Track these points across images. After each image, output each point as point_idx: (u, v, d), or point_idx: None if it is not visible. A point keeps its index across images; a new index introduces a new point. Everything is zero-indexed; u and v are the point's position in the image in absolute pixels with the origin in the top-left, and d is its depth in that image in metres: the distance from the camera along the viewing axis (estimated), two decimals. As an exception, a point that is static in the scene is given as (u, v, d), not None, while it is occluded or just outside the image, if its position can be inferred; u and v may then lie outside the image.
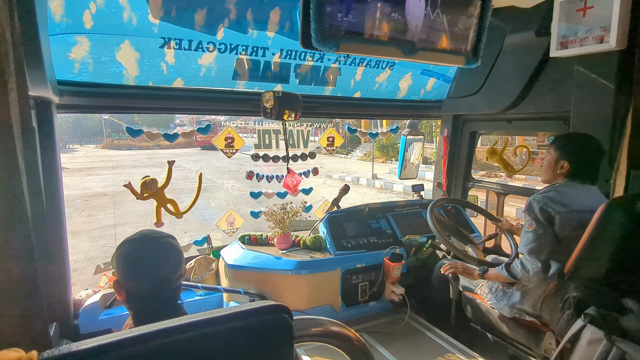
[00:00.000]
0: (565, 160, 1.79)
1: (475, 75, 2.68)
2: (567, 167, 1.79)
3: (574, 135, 1.93)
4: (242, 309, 0.67)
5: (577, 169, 1.79)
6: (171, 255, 1.09)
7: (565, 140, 1.85)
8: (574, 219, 1.69)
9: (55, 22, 1.72)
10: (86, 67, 1.94)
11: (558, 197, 1.74)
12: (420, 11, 1.45)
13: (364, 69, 2.64)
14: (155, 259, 1.06)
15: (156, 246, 1.07)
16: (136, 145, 27.06)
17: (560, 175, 1.83)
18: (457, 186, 3.19)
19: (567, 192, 1.75)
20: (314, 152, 2.78)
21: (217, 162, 18.11)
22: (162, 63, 2.08)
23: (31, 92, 1.37)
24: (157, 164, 17.52)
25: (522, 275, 1.78)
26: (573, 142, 1.83)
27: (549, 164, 1.86)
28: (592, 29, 1.88)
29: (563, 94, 2.18)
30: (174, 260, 1.09)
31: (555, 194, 1.76)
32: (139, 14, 1.84)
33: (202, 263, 2.58)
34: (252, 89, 2.42)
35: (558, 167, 1.82)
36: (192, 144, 26.88)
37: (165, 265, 1.07)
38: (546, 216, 1.72)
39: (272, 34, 2.18)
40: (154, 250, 1.07)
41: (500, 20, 2.35)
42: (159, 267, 1.06)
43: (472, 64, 1.66)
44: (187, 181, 12.06)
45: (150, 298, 1.06)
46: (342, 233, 2.56)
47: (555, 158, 1.83)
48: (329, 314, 2.36)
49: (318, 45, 1.28)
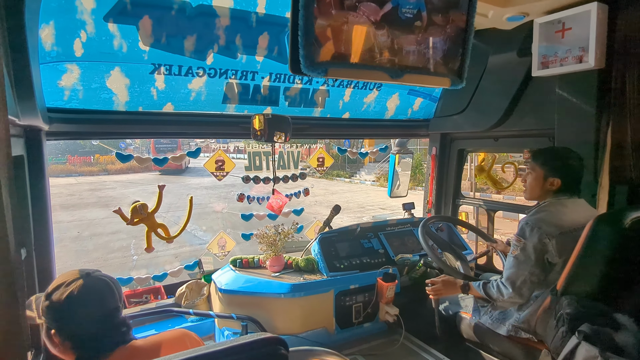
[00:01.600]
0: (555, 177, 1.79)
1: (460, 94, 2.75)
2: (557, 184, 1.79)
3: (556, 150, 1.93)
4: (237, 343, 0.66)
5: (568, 185, 1.79)
6: (105, 290, 1.08)
7: (549, 156, 1.85)
8: (571, 241, 1.66)
9: (46, 51, 1.73)
10: (76, 94, 1.94)
11: (551, 217, 1.73)
12: (406, 35, 1.50)
13: (352, 91, 2.69)
14: (90, 295, 1.05)
15: (86, 284, 1.05)
16: (77, 171, 23.17)
17: (549, 192, 1.83)
18: (446, 204, 3.22)
19: (559, 211, 1.76)
20: (304, 173, 2.79)
21: (182, 189, 15.40)
22: (152, 88, 2.09)
23: (21, 121, 1.36)
24: (102, 201, 13.83)
25: (496, 297, 1.80)
26: (559, 157, 1.83)
27: (536, 182, 1.85)
28: (571, 49, 1.96)
29: (546, 111, 2.24)
30: (110, 294, 1.09)
31: (547, 214, 1.75)
32: (129, 41, 1.87)
33: (194, 288, 2.53)
34: (242, 112, 2.44)
35: (547, 184, 1.81)
36: (148, 168, 23.03)
37: (103, 300, 1.06)
38: (539, 245, 1.70)
39: (261, 58, 2.22)
40: (85, 288, 1.05)
41: (483, 41, 2.44)
42: (97, 303, 1.05)
43: (457, 85, 1.71)
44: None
45: (94, 338, 1.04)
46: (334, 254, 2.55)
47: (543, 175, 1.82)
48: (323, 337, 2.32)
49: (307, 71, 1.30)
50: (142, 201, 2.21)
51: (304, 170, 2.81)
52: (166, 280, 2.65)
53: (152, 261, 6.96)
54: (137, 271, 6.38)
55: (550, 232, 1.70)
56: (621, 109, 1.87)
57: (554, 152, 1.90)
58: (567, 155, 1.83)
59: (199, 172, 22.20)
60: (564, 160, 1.81)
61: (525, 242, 1.73)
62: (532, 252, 1.72)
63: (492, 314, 1.99)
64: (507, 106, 2.44)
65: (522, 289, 1.76)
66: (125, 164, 23.03)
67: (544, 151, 1.90)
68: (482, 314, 2.05)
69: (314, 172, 3.09)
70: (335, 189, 18.57)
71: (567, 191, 1.81)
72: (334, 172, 22.31)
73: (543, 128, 2.32)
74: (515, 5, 1.98)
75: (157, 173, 22.78)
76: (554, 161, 1.82)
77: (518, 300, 1.78)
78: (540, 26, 2.06)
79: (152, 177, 21.55)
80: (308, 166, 3.09)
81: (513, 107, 2.44)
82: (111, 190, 17.09)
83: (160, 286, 2.62)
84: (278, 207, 2.70)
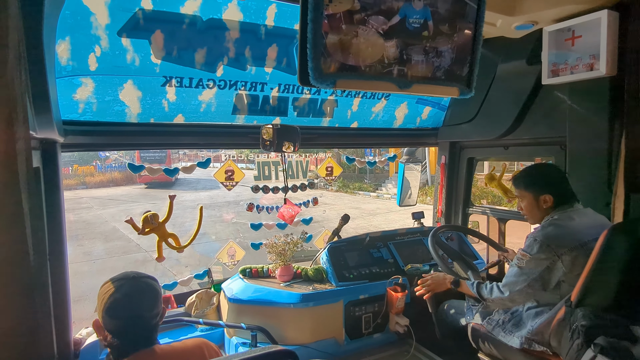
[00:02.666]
0: (546, 194, 1.79)
1: (470, 103, 2.74)
2: (550, 199, 1.78)
3: (531, 169, 1.92)
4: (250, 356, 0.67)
5: (560, 196, 1.79)
6: (147, 295, 1.18)
7: (528, 179, 1.86)
8: (582, 255, 1.63)
9: (62, 65, 1.78)
10: (90, 107, 1.99)
11: (559, 232, 1.71)
12: (414, 45, 1.50)
13: (360, 100, 2.70)
14: (131, 297, 1.15)
15: (133, 285, 1.17)
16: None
17: (547, 209, 1.81)
18: (457, 212, 3.19)
19: (568, 225, 1.73)
20: (313, 182, 2.80)
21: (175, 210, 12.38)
22: (164, 100, 2.13)
23: (38, 134, 1.40)
24: (70, 231, 6.92)
25: (487, 297, 1.86)
26: (539, 174, 1.85)
27: (530, 206, 1.85)
28: (581, 57, 1.95)
29: (558, 119, 2.22)
30: (149, 300, 1.18)
31: (556, 229, 1.72)
32: (142, 55, 1.91)
33: (203, 297, 2.53)
34: (251, 122, 2.46)
35: (542, 204, 1.81)
36: (132, 179, 21.25)
37: (139, 304, 1.16)
38: (545, 263, 1.69)
39: (270, 69, 2.25)
40: (130, 289, 1.16)
41: (492, 50, 2.44)
42: (133, 305, 1.15)
43: (466, 95, 1.70)
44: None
45: (124, 335, 1.15)
46: (343, 263, 2.53)
47: (533, 197, 1.82)
48: (332, 347, 2.30)
49: (316, 83, 1.32)
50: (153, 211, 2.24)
51: (312, 180, 2.81)
52: (176, 289, 2.66)
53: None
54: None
55: (560, 251, 1.68)
56: (635, 116, 1.85)
57: (529, 173, 1.90)
58: (545, 170, 1.86)
59: (192, 185, 20.76)
60: (544, 175, 1.84)
61: (531, 258, 1.72)
62: (536, 268, 1.71)
63: (505, 326, 1.95)
64: (517, 114, 2.42)
65: (516, 297, 1.78)
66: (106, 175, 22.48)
67: (522, 175, 1.89)
68: (494, 325, 2.02)
69: (329, 185, 3.11)
70: (369, 206, 14.84)
71: (564, 202, 1.80)
72: (355, 184, 19.75)
73: (554, 136, 2.29)
74: (524, 14, 1.98)
75: (142, 186, 20.47)
76: (535, 180, 1.83)
77: (508, 304, 1.84)
78: (550, 34, 2.05)
79: (136, 191, 18.92)
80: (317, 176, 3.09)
81: (523, 115, 2.42)
82: (86, 210, 14.06)
83: (170, 295, 2.63)
84: (290, 217, 2.71)
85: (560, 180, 1.82)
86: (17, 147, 0.81)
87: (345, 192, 19.09)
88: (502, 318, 1.99)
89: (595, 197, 1.98)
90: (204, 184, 20.95)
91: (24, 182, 0.81)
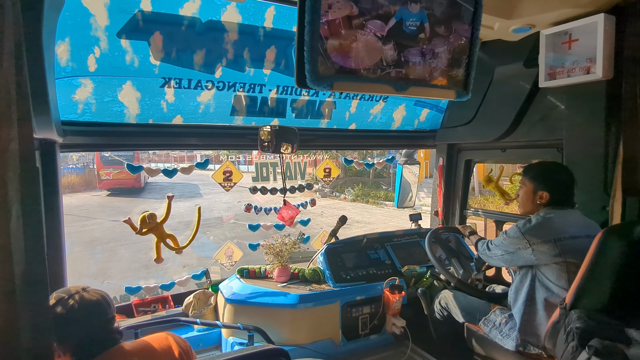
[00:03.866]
0: (544, 191, 1.83)
1: (467, 105, 2.75)
2: (546, 197, 1.82)
3: (545, 164, 1.99)
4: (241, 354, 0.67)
5: (556, 197, 1.82)
6: (97, 300, 1.21)
7: (538, 170, 1.89)
8: (552, 248, 1.72)
9: (61, 66, 1.79)
10: (89, 108, 1.99)
11: (536, 224, 1.78)
12: (411, 48, 1.51)
13: (358, 102, 2.71)
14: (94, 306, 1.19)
15: (88, 297, 1.19)
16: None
17: (540, 205, 1.86)
18: (454, 214, 3.20)
19: (548, 220, 1.78)
20: (310, 184, 2.81)
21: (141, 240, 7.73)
22: (162, 101, 2.14)
23: (37, 134, 1.41)
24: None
25: (479, 249, 2.09)
26: (548, 171, 1.88)
27: (526, 196, 1.90)
28: (578, 61, 1.96)
29: (555, 122, 2.23)
30: (102, 304, 1.21)
31: (535, 222, 1.79)
32: (141, 56, 1.92)
33: (201, 298, 2.54)
34: (249, 124, 2.47)
35: (537, 198, 1.85)
36: (92, 184, 17.91)
37: (96, 308, 1.19)
38: (516, 247, 1.81)
39: (268, 71, 2.26)
40: (88, 300, 1.19)
41: (489, 53, 2.45)
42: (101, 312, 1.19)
43: (463, 97, 1.71)
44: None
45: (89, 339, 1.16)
46: (340, 265, 2.54)
47: (532, 189, 1.86)
48: (329, 348, 2.30)
49: (313, 85, 1.33)
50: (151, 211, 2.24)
51: (310, 183, 2.82)
52: (174, 289, 2.67)
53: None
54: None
55: (532, 240, 1.76)
56: (631, 119, 1.86)
57: (544, 166, 1.95)
58: (556, 169, 1.88)
59: (165, 192, 16.13)
60: (552, 173, 1.86)
61: (507, 238, 1.86)
62: (510, 246, 1.84)
63: (501, 328, 1.96)
64: (515, 117, 2.43)
65: (494, 258, 1.96)
66: (62, 179, 21.53)
67: (535, 166, 1.95)
68: (490, 327, 2.02)
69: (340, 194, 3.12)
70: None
71: (557, 204, 1.83)
72: (379, 192, 16.07)
73: (551, 139, 2.30)
74: (521, 17, 1.99)
75: (104, 193, 16.86)
76: (542, 175, 1.86)
77: (485, 260, 2.04)
78: (547, 37, 2.06)
79: (96, 200, 15.40)
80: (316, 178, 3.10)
81: (520, 118, 2.44)
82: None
83: (168, 295, 2.64)
84: (289, 218, 2.71)
85: (566, 185, 1.85)
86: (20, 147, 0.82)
87: (366, 202, 15.31)
88: (498, 319, 2.00)
89: (592, 200, 1.99)
90: (181, 190, 17.48)
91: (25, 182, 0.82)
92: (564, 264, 1.70)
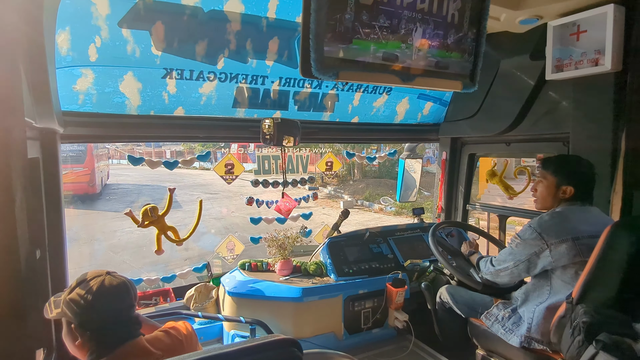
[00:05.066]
0: (569, 185, 1.77)
1: (471, 98, 2.72)
2: (570, 192, 1.77)
3: (567, 157, 1.93)
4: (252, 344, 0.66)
5: (580, 192, 1.77)
6: (122, 287, 1.17)
7: (561, 163, 1.83)
8: (571, 248, 1.67)
9: (62, 56, 1.76)
10: (90, 98, 1.97)
11: (554, 222, 1.73)
12: (417, 38, 1.49)
13: (361, 95, 2.69)
14: (116, 290, 1.14)
15: (111, 281, 1.15)
16: None
17: (561, 200, 1.81)
18: (457, 209, 3.18)
19: (567, 218, 1.74)
20: (313, 177, 2.79)
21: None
22: (164, 93, 2.12)
23: (37, 124, 1.39)
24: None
25: (482, 268, 2.02)
26: (571, 164, 1.82)
27: (548, 190, 1.83)
28: (586, 52, 1.93)
29: (561, 115, 2.21)
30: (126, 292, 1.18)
31: (552, 219, 1.74)
32: (142, 46, 1.89)
33: (202, 291, 2.53)
34: (251, 116, 2.45)
35: (560, 192, 1.80)
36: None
37: (120, 296, 1.16)
38: (533, 249, 1.74)
39: (271, 62, 2.23)
40: (103, 284, 1.13)
41: (495, 45, 2.41)
42: (122, 297, 1.15)
43: (469, 89, 1.69)
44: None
45: (109, 330, 1.13)
46: (343, 258, 2.53)
47: (555, 183, 1.80)
48: (331, 342, 2.30)
49: (318, 74, 1.30)
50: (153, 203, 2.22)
51: (312, 175, 2.80)
52: (175, 282, 2.66)
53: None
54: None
55: (550, 240, 1.70)
56: (636, 112, 1.83)
57: (566, 159, 1.88)
58: (580, 162, 1.81)
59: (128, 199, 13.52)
60: (577, 167, 1.80)
61: (521, 241, 1.78)
62: (524, 251, 1.77)
63: (504, 323, 1.94)
64: (520, 110, 2.41)
65: (501, 274, 1.88)
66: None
67: (555, 159, 1.88)
68: (492, 321, 2.01)
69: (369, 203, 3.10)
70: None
71: (580, 199, 1.79)
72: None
73: (557, 132, 2.28)
74: (529, 8, 1.96)
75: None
76: (566, 169, 1.80)
77: (492, 280, 1.96)
78: (555, 29, 2.03)
79: None
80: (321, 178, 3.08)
81: (526, 111, 2.41)
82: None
83: (169, 288, 2.63)
84: (286, 210, 2.70)
85: (590, 180, 1.80)
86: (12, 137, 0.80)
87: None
88: (501, 314, 1.99)
89: (598, 194, 1.97)
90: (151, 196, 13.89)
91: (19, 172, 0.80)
92: (582, 263, 1.63)
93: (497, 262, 1.92)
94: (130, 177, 19.22)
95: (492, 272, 1.93)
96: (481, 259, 2.09)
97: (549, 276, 1.79)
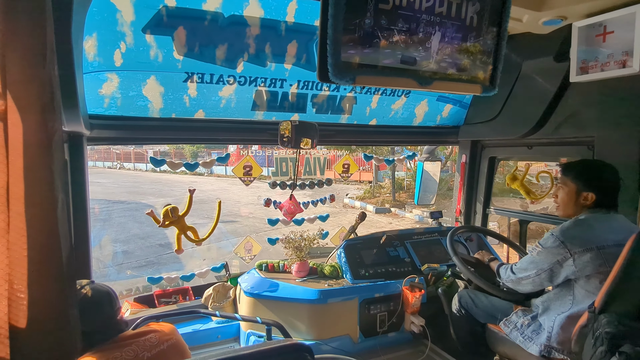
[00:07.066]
0: (590, 192, 1.71)
1: (492, 101, 2.67)
2: (592, 198, 1.71)
3: (589, 162, 1.86)
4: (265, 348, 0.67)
5: (603, 199, 1.71)
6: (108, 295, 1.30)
7: (582, 169, 1.77)
8: (595, 258, 1.61)
9: (89, 61, 1.83)
10: (115, 102, 2.04)
11: (578, 231, 1.67)
12: (436, 42, 1.48)
13: (379, 97, 2.68)
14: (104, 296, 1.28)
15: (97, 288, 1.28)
16: None
17: (584, 207, 1.75)
18: (477, 213, 3.13)
19: (592, 226, 1.68)
20: (330, 179, 2.80)
21: None
22: (185, 96, 2.17)
23: (66, 127, 1.45)
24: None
25: (501, 276, 1.97)
26: (594, 170, 1.76)
27: (568, 197, 1.78)
28: (613, 54, 1.86)
29: (585, 119, 2.14)
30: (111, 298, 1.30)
31: (575, 227, 1.69)
32: (165, 51, 1.95)
33: (220, 290, 2.58)
34: (270, 119, 2.48)
35: (581, 199, 1.74)
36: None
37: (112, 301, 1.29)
38: (556, 258, 1.69)
39: (289, 66, 2.26)
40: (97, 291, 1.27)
41: (517, 46, 2.36)
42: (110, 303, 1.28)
43: (489, 92, 1.66)
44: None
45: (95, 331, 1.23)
46: (359, 261, 2.53)
47: (576, 189, 1.75)
48: (346, 345, 2.30)
49: (335, 79, 1.31)
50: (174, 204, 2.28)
51: (330, 179, 2.81)
52: (194, 281, 2.72)
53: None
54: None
55: (573, 249, 1.65)
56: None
57: (587, 164, 1.82)
58: (602, 167, 1.75)
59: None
60: (599, 173, 1.74)
61: (543, 250, 1.74)
62: (546, 260, 1.72)
63: (524, 331, 1.90)
64: (543, 113, 2.34)
65: (523, 282, 1.83)
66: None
67: (576, 164, 1.83)
68: (511, 328, 1.97)
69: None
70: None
71: (603, 206, 1.73)
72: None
73: (581, 136, 2.21)
74: (553, 8, 1.91)
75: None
76: (587, 174, 1.74)
77: (513, 288, 1.90)
78: (580, 30, 1.97)
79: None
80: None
81: (549, 114, 2.35)
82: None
83: (188, 287, 2.69)
84: (289, 211, 2.70)
85: (613, 187, 1.73)
86: (54, 139, 0.84)
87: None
88: (520, 321, 1.94)
89: (625, 200, 1.90)
90: (118, 226, 10.32)
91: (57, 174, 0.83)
92: (607, 273, 1.56)
93: (517, 270, 1.87)
94: (101, 185, 13.71)
95: (513, 280, 1.88)
96: (501, 265, 2.05)
97: (571, 285, 1.74)
